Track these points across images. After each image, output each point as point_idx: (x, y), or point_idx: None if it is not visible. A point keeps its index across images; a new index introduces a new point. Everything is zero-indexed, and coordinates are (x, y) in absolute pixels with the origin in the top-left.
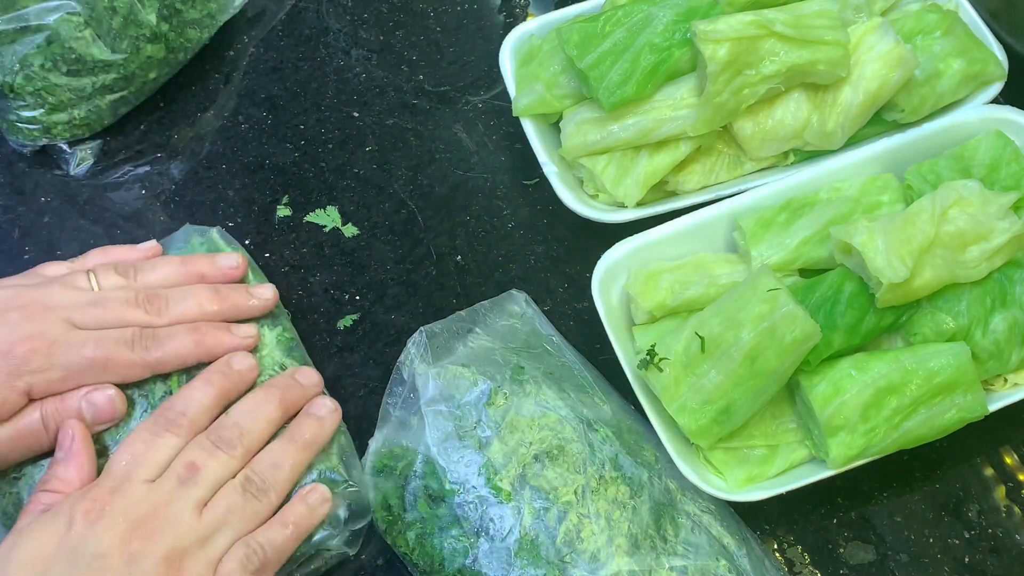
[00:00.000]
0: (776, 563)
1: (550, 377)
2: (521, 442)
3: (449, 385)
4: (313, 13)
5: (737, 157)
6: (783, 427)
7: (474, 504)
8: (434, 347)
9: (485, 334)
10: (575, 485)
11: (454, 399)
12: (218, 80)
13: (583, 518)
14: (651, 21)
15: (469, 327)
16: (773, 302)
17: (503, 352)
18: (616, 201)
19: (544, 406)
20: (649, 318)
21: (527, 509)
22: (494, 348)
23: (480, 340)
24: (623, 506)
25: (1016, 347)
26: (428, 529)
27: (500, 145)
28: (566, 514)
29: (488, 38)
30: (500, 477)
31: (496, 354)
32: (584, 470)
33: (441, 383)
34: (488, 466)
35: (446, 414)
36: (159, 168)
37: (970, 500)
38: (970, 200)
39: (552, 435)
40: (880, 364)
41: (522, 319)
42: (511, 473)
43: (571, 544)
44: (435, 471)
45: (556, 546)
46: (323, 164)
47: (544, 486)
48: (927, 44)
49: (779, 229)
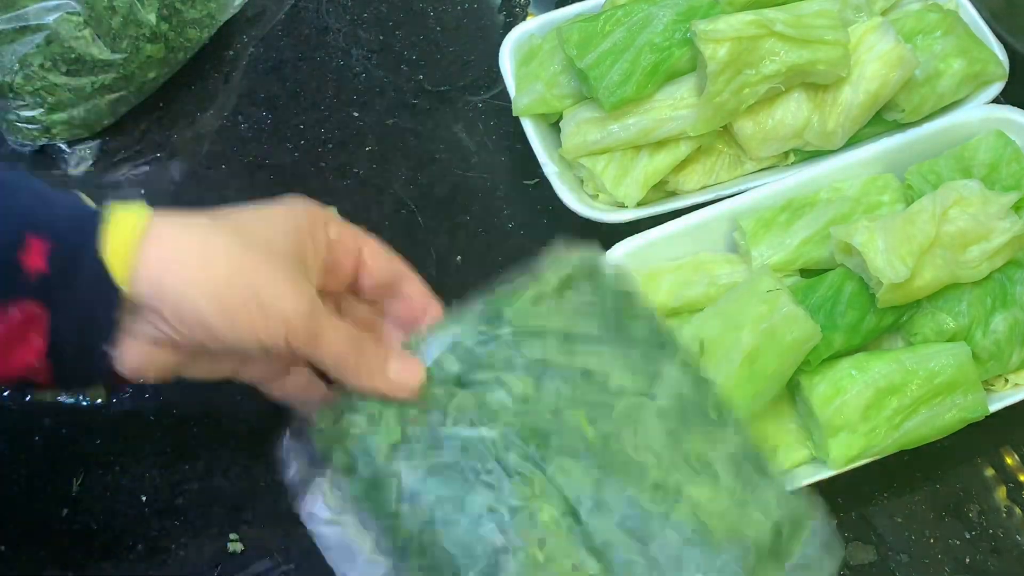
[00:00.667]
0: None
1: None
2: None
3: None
4: (313, 13)
5: (737, 157)
6: (783, 427)
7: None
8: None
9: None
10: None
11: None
12: (218, 80)
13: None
14: (651, 21)
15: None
16: (773, 303)
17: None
18: (616, 201)
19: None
20: None
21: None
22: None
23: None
24: None
25: (1017, 347)
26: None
27: (500, 145)
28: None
29: (488, 38)
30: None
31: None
32: None
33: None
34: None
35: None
36: (158, 168)
37: (971, 500)
38: (971, 200)
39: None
40: (881, 364)
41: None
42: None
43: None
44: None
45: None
46: (323, 164)
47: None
48: (927, 44)
49: (779, 229)
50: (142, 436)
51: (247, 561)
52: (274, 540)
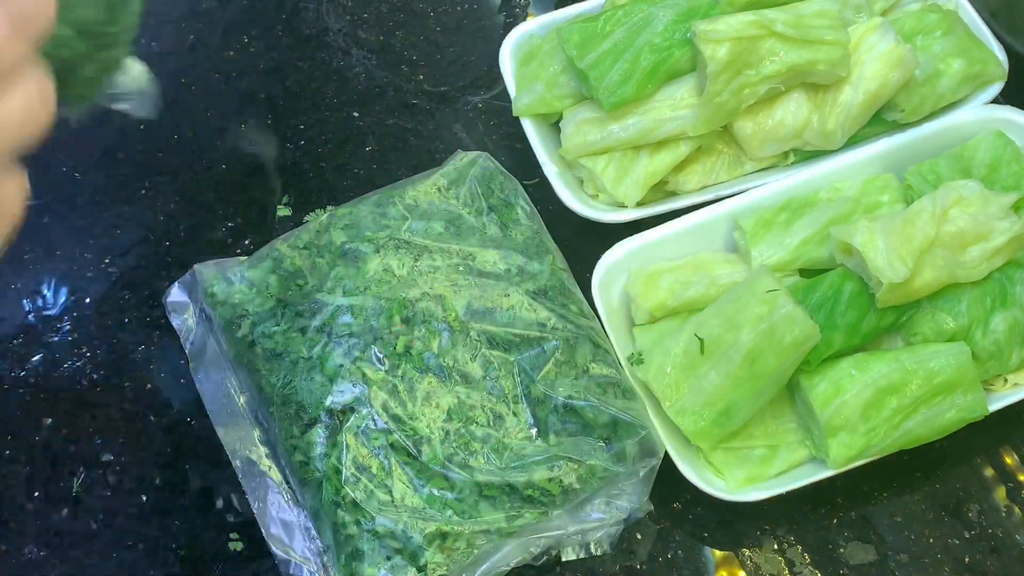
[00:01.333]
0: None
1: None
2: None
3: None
4: (313, 13)
5: (737, 157)
6: (783, 427)
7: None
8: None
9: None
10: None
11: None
12: (218, 80)
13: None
14: (651, 21)
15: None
16: (772, 303)
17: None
18: (616, 201)
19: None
20: (649, 318)
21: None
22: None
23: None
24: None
25: (1016, 347)
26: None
27: (500, 145)
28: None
29: (488, 38)
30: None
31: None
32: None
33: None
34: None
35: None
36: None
37: (970, 500)
38: (970, 200)
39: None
40: (880, 364)
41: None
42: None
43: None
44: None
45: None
46: (323, 164)
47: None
48: (927, 44)
49: (779, 229)
50: (142, 436)
51: (247, 561)
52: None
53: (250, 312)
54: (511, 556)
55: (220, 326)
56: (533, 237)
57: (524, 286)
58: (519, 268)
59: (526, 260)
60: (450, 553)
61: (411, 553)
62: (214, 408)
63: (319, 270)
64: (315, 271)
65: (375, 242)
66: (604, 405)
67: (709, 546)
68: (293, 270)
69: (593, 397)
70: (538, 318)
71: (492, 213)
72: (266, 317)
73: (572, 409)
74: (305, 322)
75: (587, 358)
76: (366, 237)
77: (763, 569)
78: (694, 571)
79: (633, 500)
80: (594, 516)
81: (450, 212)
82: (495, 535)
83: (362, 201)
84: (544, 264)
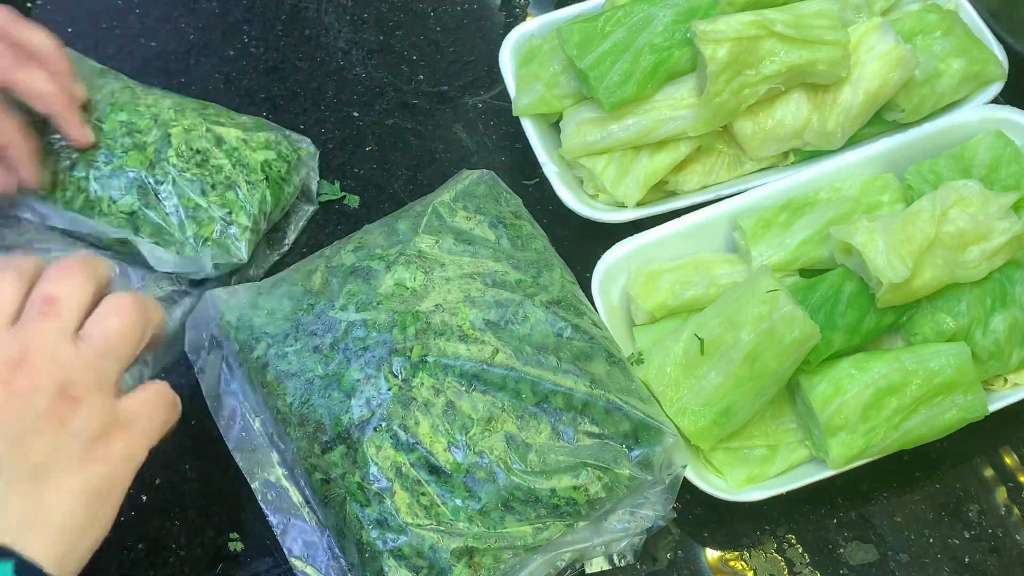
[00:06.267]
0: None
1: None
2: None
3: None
4: (313, 13)
5: (737, 157)
6: (783, 427)
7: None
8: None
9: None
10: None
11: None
12: (218, 80)
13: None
14: (651, 21)
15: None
16: (772, 303)
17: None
18: (616, 201)
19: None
20: (649, 318)
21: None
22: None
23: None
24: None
25: (1016, 347)
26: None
27: (500, 145)
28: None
29: (488, 38)
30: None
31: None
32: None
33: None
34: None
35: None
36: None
37: (970, 500)
38: (970, 200)
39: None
40: (880, 364)
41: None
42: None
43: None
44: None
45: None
46: (323, 164)
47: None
48: (927, 44)
49: (779, 229)
50: None
51: (247, 561)
52: (274, 540)
53: (263, 335)
54: (538, 572)
55: (234, 351)
56: (543, 251)
57: (538, 297)
58: (532, 279)
59: (538, 272)
60: (477, 570)
61: (439, 571)
62: (228, 433)
63: (331, 288)
64: (327, 290)
65: (386, 259)
66: (629, 408)
67: (709, 546)
68: (305, 291)
69: (617, 399)
70: (553, 329)
71: (502, 227)
72: (280, 339)
73: (593, 414)
74: (319, 340)
75: (603, 369)
76: (377, 255)
77: (763, 569)
78: (694, 571)
79: (658, 509)
80: (618, 527)
81: (459, 227)
82: (521, 550)
83: (367, 232)
84: (555, 276)
